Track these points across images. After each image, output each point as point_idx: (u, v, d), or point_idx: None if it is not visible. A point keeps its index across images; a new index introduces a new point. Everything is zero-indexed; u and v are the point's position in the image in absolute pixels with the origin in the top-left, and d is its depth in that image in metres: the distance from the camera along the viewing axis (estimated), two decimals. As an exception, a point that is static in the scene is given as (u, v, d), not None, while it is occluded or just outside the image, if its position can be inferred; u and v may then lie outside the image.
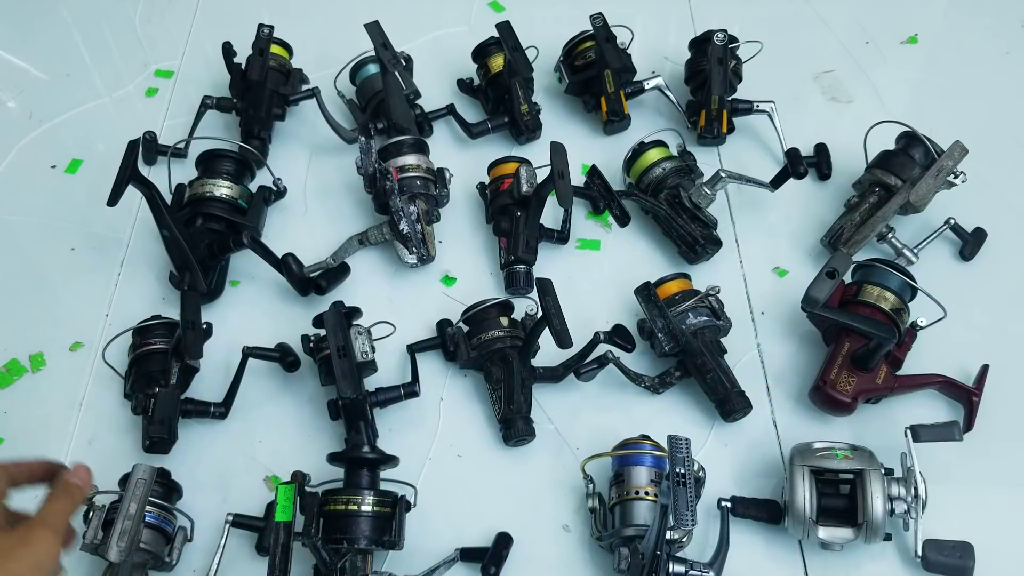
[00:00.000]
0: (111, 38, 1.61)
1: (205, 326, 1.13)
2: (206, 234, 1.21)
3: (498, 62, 1.40)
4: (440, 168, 1.30)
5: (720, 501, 1.02)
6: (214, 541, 0.99)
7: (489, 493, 1.08)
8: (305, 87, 1.43)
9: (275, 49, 1.40)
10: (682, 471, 0.82)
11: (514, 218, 1.24)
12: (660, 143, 1.32)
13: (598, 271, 1.29)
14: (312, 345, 1.12)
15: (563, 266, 1.27)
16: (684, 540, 0.96)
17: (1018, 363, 1.16)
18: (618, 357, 1.12)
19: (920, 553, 0.98)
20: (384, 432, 1.11)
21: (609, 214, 1.30)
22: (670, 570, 0.92)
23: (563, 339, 1.04)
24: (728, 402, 1.09)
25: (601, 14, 1.37)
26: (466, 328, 1.15)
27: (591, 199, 1.32)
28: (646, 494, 0.97)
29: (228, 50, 1.39)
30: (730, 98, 1.39)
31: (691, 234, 1.24)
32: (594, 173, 1.30)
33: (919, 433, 1.01)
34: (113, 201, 1.05)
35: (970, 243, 1.27)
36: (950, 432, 1.01)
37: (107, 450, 1.11)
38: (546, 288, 1.07)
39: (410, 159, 1.27)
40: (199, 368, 1.12)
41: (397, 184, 1.23)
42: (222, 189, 1.23)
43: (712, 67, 1.33)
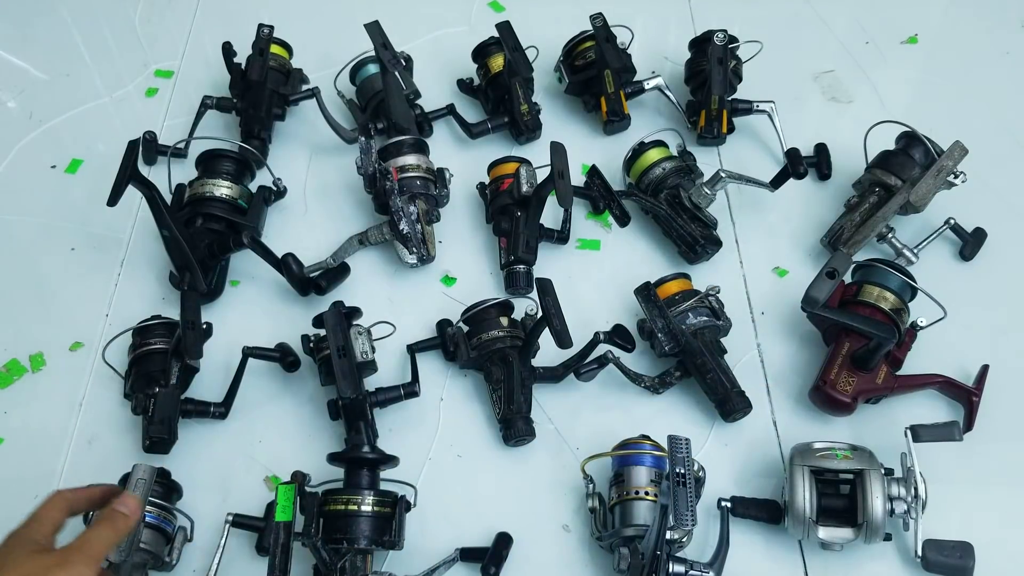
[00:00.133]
0: (111, 38, 1.61)
1: (205, 326, 1.13)
2: (206, 234, 1.21)
3: (498, 62, 1.40)
4: (440, 168, 1.30)
5: (720, 501, 1.02)
6: (214, 541, 0.99)
7: (489, 493, 1.08)
8: (305, 87, 1.43)
9: (275, 49, 1.40)
10: (682, 471, 0.82)
11: (514, 218, 1.24)
12: (660, 143, 1.32)
13: (598, 271, 1.29)
14: (312, 345, 1.12)
15: (563, 266, 1.27)
16: (684, 540, 0.96)
17: (1018, 363, 1.16)
18: (618, 357, 1.12)
19: (920, 553, 0.98)
20: (384, 432, 1.11)
21: (609, 214, 1.30)
22: (670, 570, 0.92)
23: (563, 339, 1.04)
24: (728, 402, 1.09)
25: (601, 14, 1.36)
26: (466, 328, 1.15)
27: (591, 199, 1.32)
28: (646, 494, 0.97)
29: (228, 50, 1.39)
30: (730, 98, 1.39)
31: (691, 234, 1.24)
32: (594, 173, 1.30)
33: (919, 433, 1.01)
34: (113, 201, 1.05)
35: (970, 243, 1.27)
36: (950, 432, 1.01)
37: (107, 450, 1.11)
38: (546, 288, 1.07)
39: (410, 159, 1.27)
40: (199, 368, 1.12)
41: (397, 184, 1.23)
42: (222, 189, 1.23)
43: (712, 67, 1.33)
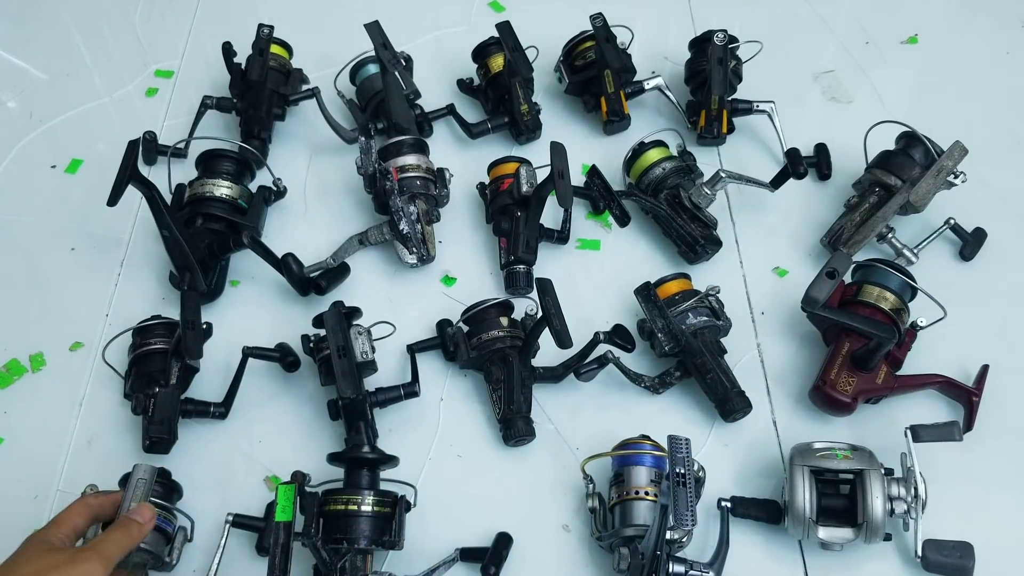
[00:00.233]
0: (111, 38, 1.61)
1: (205, 326, 1.12)
2: (206, 234, 1.21)
3: (498, 62, 1.40)
4: (440, 168, 1.30)
5: (720, 501, 1.02)
6: (214, 541, 0.99)
7: (489, 493, 1.08)
8: (305, 87, 1.43)
9: (275, 49, 1.40)
10: (682, 471, 0.82)
11: (514, 218, 1.24)
12: (660, 143, 1.32)
13: (598, 271, 1.29)
14: (312, 345, 1.12)
15: (563, 266, 1.27)
16: (684, 540, 0.96)
17: (1018, 363, 1.16)
18: (618, 357, 1.12)
19: (920, 553, 0.98)
20: (384, 432, 1.11)
21: (609, 214, 1.30)
22: (670, 570, 0.92)
23: (563, 339, 1.04)
24: (728, 402, 1.09)
25: (601, 14, 1.36)
26: (466, 328, 1.15)
27: (591, 199, 1.32)
28: (646, 494, 0.97)
29: (228, 50, 1.39)
30: (730, 98, 1.39)
31: (691, 234, 1.24)
32: (594, 173, 1.30)
33: (919, 433, 1.01)
34: (113, 201, 1.05)
35: (970, 243, 1.26)
36: (950, 432, 1.01)
37: (107, 450, 1.11)
38: (546, 288, 1.07)
39: (410, 159, 1.27)
40: (199, 368, 1.12)
41: (397, 184, 1.23)
42: (222, 189, 1.23)
43: (712, 67, 1.33)
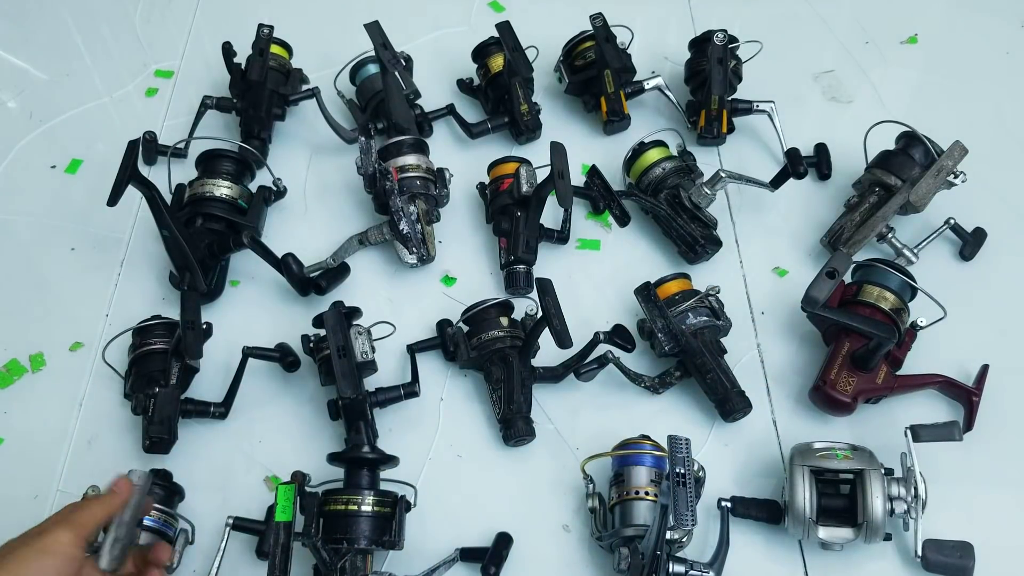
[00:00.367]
0: (111, 38, 1.61)
1: (205, 326, 1.12)
2: (206, 234, 1.21)
3: (498, 62, 1.40)
4: (440, 168, 1.30)
5: (720, 501, 1.02)
6: (214, 543, 0.99)
7: (489, 493, 1.08)
8: (305, 87, 1.43)
9: (275, 49, 1.40)
10: (682, 471, 0.82)
11: (514, 218, 1.24)
12: (660, 143, 1.32)
13: (598, 271, 1.29)
14: (312, 345, 1.12)
15: (563, 266, 1.27)
16: (684, 540, 0.96)
17: (1018, 363, 1.16)
18: (618, 357, 1.12)
19: (920, 553, 0.98)
20: (384, 432, 1.11)
21: (609, 214, 1.30)
22: (670, 570, 0.92)
23: (563, 339, 1.04)
24: (728, 402, 1.09)
25: (601, 14, 1.36)
26: (466, 328, 1.15)
27: (591, 199, 1.32)
28: (646, 494, 0.97)
29: (228, 50, 1.39)
30: (730, 98, 1.38)
31: (691, 234, 1.24)
32: (594, 173, 1.30)
33: (919, 433, 1.01)
34: (113, 201, 1.05)
35: (970, 243, 1.26)
36: (950, 432, 1.01)
37: (107, 450, 1.11)
38: (546, 288, 1.07)
39: (410, 159, 1.27)
40: (199, 368, 1.12)
41: (397, 184, 1.23)
42: (222, 189, 1.23)
43: (712, 67, 1.33)
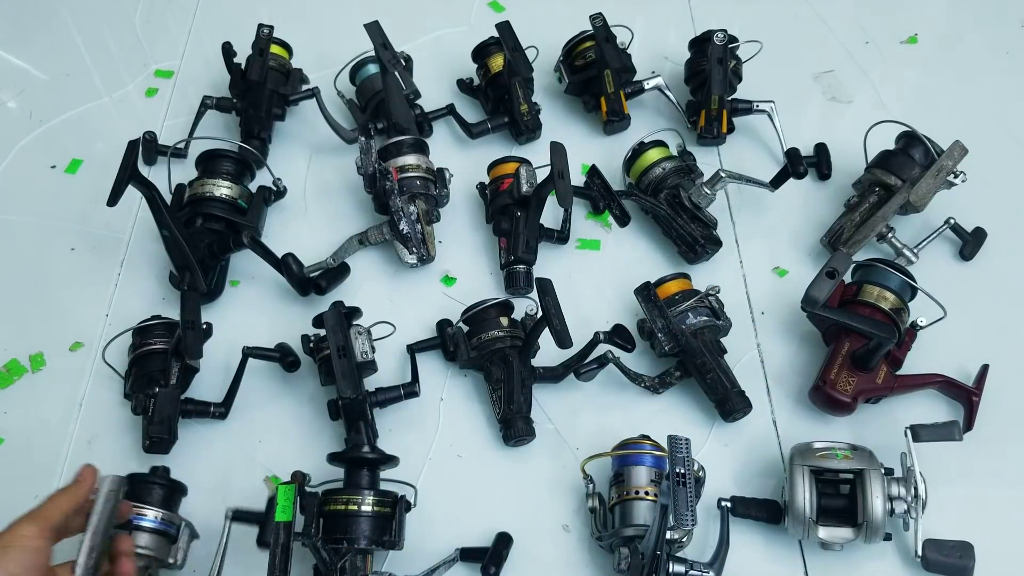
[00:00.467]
0: (111, 38, 1.61)
1: (205, 326, 1.12)
2: (206, 234, 1.21)
3: (498, 62, 1.40)
4: (440, 168, 1.30)
5: (720, 501, 1.02)
6: (214, 542, 0.98)
7: (489, 493, 1.08)
8: (305, 87, 1.43)
9: (275, 49, 1.40)
10: (682, 471, 0.82)
11: (514, 218, 1.24)
12: (660, 143, 1.32)
13: (598, 271, 1.29)
14: (312, 345, 1.12)
15: (563, 266, 1.27)
16: (684, 540, 0.96)
17: (1018, 363, 1.16)
18: (618, 357, 1.12)
19: (920, 553, 0.98)
20: (384, 432, 1.11)
21: (609, 214, 1.30)
22: (670, 570, 0.92)
23: (563, 339, 1.04)
24: (728, 402, 1.09)
25: (601, 14, 1.36)
26: (466, 328, 1.15)
27: (591, 199, 1.32)
28: (646, 494, 0.97)
29: (228, 50, 1.39)
30: (730, 98, 1.39)
31: (691, 234, 1.24)
32: (594, 173, 1.30)
33: (919, 433, 1.01)
34: (113, 201, 1.05)
35: (970, 243, 1.27)
36: (950, 432, 1.01)
37: (107, 450, 1.11)
38: (546, 288, 1.07)
39: (410, 159, 1.27)
40: (199, 368, 1.12)
41: (397, 184, 1.23)
42: (222, 189, 1.23)
43: (712, 67, 1.33)
